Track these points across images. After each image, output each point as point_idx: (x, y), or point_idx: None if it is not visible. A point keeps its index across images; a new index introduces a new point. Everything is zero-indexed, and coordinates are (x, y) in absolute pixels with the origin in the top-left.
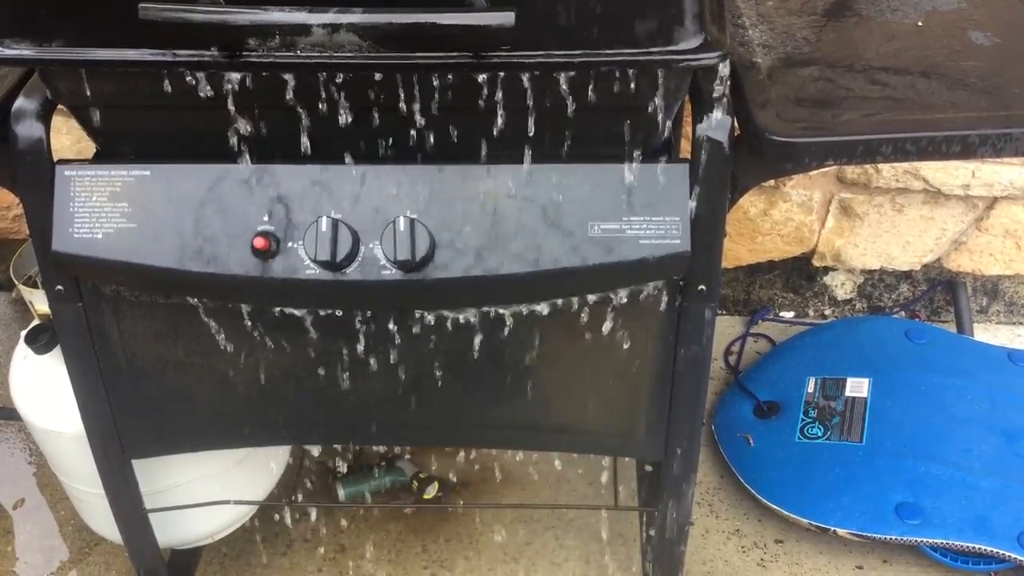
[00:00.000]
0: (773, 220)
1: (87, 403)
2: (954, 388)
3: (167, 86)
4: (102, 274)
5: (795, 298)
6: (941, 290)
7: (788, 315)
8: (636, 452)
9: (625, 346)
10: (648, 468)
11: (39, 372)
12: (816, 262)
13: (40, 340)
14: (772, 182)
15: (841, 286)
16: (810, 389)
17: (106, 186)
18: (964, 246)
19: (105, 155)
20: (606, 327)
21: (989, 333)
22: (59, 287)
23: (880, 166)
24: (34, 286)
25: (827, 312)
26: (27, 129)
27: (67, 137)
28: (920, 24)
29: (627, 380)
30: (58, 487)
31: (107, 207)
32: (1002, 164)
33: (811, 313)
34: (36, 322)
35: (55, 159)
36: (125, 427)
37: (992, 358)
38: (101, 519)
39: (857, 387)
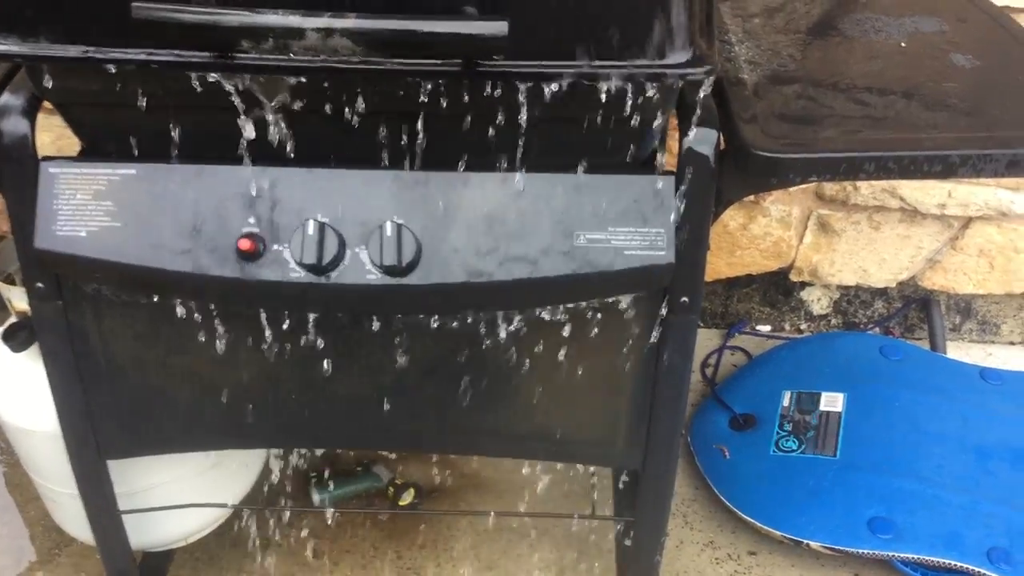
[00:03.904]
0: (752, 234)
1: (63, 402)
2: (927, 405)
3: (156, 86)
4: (84, 272)
5: (772, 312)
6: (915, 307)
7: (765, 329)
8: (614, 461)
9: (607, 356)
10: (625, 478)
11: (14, 370)
12: (793, 277)
13: (17, 338)
14: (752, 197)
15: (817, 301)
16: (785, 403)
17: (91, 184)
18: (939, 264)
19: (90, 153)
20: (589, 336)
21: (962, 351)
22: (40, 285)
23: (858, 184)
24: (12, 283)
25: (803, 327)
26: (12, 125)
27: (48, 134)
28: (903, 45)
29: (607, 390)
30: (28, 487)
31: (91, 205)
32: (978, 184)
33: (787, 327)
34: (13, 319)
35: (40, 156)
36: (101, 427)
37: (965, 376)
38: (73, 520)
39: (832, 402)
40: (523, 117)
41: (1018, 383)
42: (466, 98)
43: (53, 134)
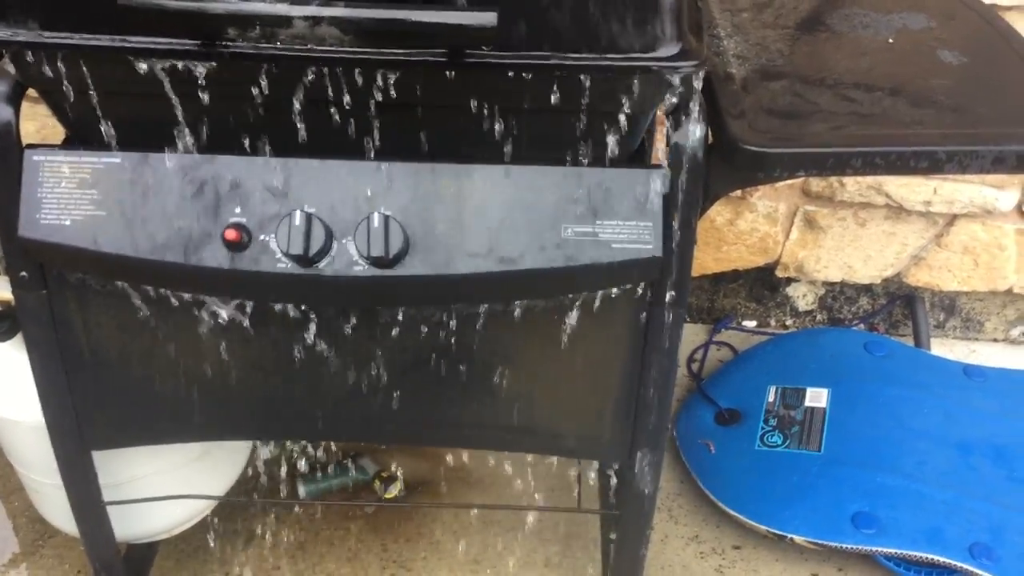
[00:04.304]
0: (739, 230)
1: (48, 392)
2: (911, 401)
3: (142, 73)
4: (69, 261)
5: (758, 308)
6: (900, 304)
7: (750, 324)
8: (601, 455)
9: (593, 349)
10: (611, 472)
11: None
12: (779, 273)
13: (0, 327)
14: (739, 193)
15: (803, 297)
16: (771, 398)
17: (76, 172)
18: (924, 261)
19: (75, 141)
20: (575, 330)
21: (945, 348)
22: (23, 274)
23: (844, 180)
24: None
25: (788, 323)
26: None
27: (32, 123)
28: (891, 41)
29: (594, 383)
30: (11, 478)
31: (76, 193)
32: (963, 182)
33: (773, 323)
34: None
35: (24, 143)
36: (86, 418)
37: (948, 372)
38: (57, 511)
39: (816, 397)
40: (510, 109)
41: (1001, 380)
42: (454, 89)
43: (37, 123)
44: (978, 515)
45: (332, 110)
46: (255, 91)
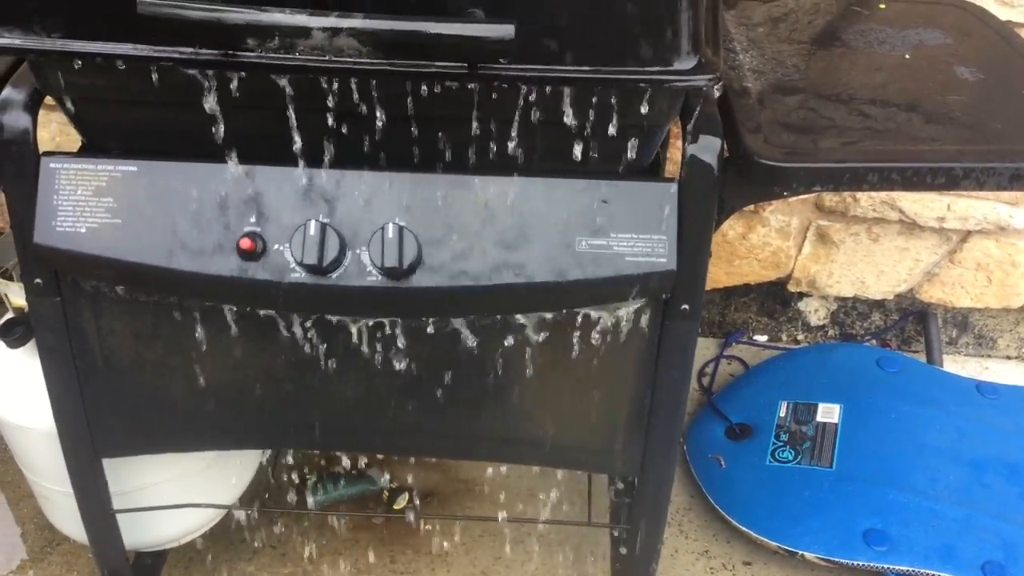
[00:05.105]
0: (751, 244)
1: (60, 400)
2: (923, 417)
3: (160, 82)
4: (83, 269)
5: (769, 322)
6: (912, 320)
7: (762, 339)
8: (611, 469)
9: (606, 362)
10: (621, 485)
11: (11, 366)
12: (791, 287)
13: (14, 333)
14: (751, 207)
15: (815, 312)
16: (782, 413)
17: (92, 180)
18: (937, 278)
19: (91, 149)
20: (588, 342)
21: (958, 364)
22: (38, 280)
23: (858, 196)
24: (9, 279)
25: (800, 337)
26: (13, 119)
27: (45, 131)
28: (907, 57)
29: (606, 396)
30: (21, 484)
31: (92, 201)
32: (977, 198)
33: (784, 338)
34: (10, 315)
35: (41, 151)
36: (98, 425)
37: (961, 389)
38: (67, 518)
39: (828, 413)
40: (527, 121)
41: (1014, 397)
42: (471, 101)
43: (51, 131)
44: (991, 533)
45: (348, 121)
46: (272, 102)
